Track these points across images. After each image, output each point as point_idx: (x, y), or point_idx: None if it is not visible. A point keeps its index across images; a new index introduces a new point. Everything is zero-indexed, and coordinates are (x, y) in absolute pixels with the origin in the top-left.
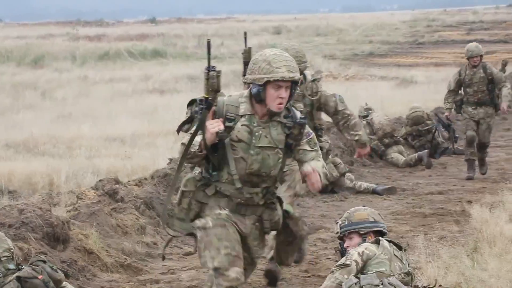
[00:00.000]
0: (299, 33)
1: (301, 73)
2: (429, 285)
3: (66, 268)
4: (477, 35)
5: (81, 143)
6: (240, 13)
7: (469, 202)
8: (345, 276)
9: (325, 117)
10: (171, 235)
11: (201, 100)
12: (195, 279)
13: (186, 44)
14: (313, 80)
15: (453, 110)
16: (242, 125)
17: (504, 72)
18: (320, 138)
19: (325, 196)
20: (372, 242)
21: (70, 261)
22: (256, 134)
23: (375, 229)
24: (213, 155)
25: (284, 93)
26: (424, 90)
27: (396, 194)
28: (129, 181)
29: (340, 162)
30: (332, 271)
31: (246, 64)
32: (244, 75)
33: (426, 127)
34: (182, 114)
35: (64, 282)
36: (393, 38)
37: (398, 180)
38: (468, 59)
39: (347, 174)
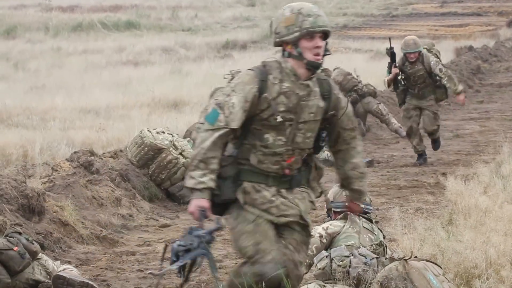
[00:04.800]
0: (273, 5)
1: None
2: (405, 256)
3: (42, 240)
4: (451, 7)
5: (55, 114)
6: None
7: (444, 174)
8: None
9: None
10: None
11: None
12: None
13: (160, 16)
14: None
15: None
16: None
17: None
18: None
19: None
20: (340, 218)
21: (46, 232)
22: None
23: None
24: None
25: None
26: (399, 62)
27: (372, 167)
28: (104, 153)
29: None
30: None
31: None
32: None
33: None
34: (156, 86)
35: (40, 254)
36: (367, 10)
37: (372, 152)
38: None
39: None
